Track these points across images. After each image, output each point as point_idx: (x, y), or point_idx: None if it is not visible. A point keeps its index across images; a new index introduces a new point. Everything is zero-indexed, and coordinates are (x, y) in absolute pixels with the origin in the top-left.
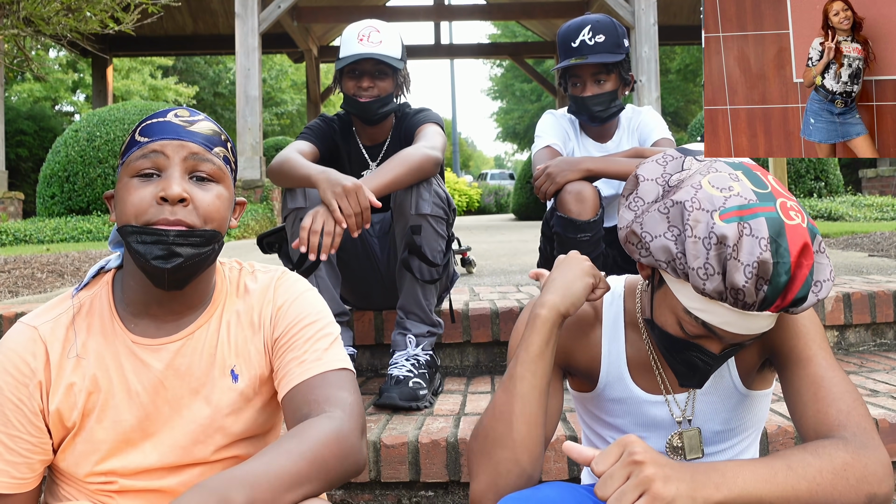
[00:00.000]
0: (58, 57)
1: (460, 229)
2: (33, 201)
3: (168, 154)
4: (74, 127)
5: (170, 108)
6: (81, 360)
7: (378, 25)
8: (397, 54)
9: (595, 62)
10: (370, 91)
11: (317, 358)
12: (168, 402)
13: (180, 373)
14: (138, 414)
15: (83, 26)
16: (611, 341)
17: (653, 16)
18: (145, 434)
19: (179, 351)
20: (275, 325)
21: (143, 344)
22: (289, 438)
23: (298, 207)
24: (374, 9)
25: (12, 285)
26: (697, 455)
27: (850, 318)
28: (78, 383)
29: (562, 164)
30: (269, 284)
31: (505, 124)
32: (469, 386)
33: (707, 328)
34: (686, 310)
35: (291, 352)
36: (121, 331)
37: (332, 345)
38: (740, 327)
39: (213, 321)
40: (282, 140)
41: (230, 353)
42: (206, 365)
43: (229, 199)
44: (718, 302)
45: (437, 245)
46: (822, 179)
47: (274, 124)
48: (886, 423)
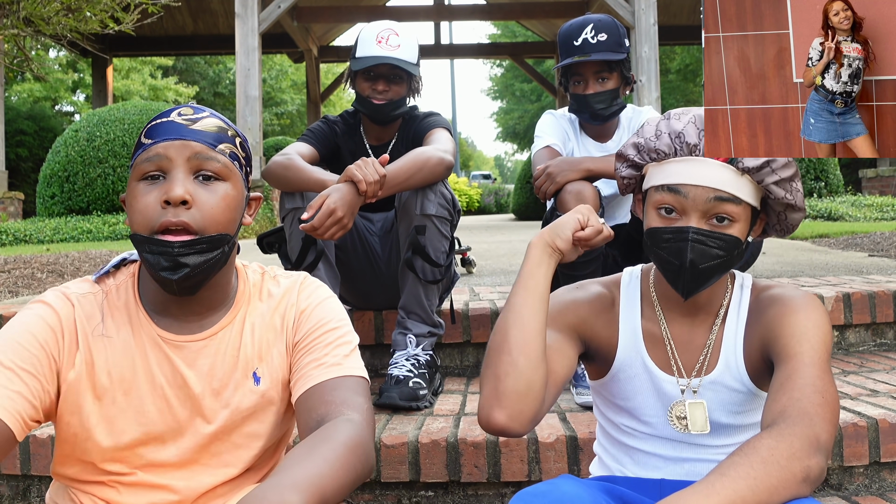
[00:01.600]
0: (58, 57)
1: (460, 229)
2: (33, 201)
3: (171, 156)
4: (74, 127)
5: (175, 107)
6: (107, 341)
7: (397, 28)
8: (414, 59)
9: (598, 59)
10: (385, 94)
11: (336, 363)
12: (190, 399)
13: (203, 373)
14: (160, 406)
15: (83, 26)
16: (628, 316)
17: (653, 16)
18: (167, 428)
19: (202, 351)
20: (297, 328)
21: (168, 339)
22: (320, 443)
23: (297, 207)
24: (373, 9)
25: (12, 285)
26: (703, 430)
27: (850, 318)
28: (101, 363)
29: (562, 163)
30: (293, 288)
31: (505, 124)
32: (469, 386)
33: (673, 191)
34: (657, 189)
35: (311, 354)
36: (147, 322)
37: (351, 352)
38: (697, 176)
39: (237, 323)
40: (282, 140)
41: (253, 356)
42: (229, 366)
43: (237, 196)
44: (673, 161)
45: (440, 246)
46: (822, 179)
47: (274, 124)
48: (886, 423)
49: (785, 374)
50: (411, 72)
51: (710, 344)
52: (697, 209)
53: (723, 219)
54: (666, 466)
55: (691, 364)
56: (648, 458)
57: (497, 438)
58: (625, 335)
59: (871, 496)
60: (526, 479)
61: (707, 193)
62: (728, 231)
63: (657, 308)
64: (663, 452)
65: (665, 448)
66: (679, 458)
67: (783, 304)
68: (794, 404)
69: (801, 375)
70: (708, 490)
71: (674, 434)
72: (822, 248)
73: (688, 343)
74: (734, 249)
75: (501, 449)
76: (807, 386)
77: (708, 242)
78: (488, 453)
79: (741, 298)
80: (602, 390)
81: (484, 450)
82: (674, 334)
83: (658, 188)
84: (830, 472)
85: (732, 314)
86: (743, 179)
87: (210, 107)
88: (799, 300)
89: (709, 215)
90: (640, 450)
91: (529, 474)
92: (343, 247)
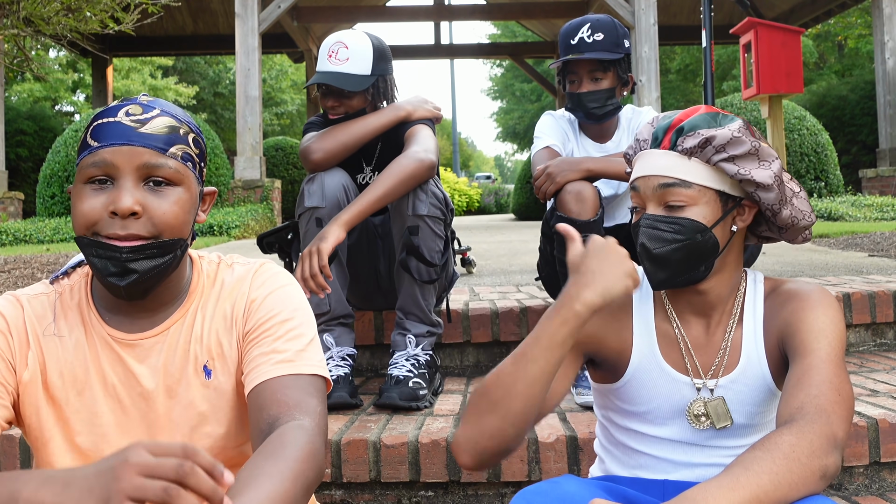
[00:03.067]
0: (58, 57)
1: (460, 229)
2: (33, 201)
3: (118, 163)
4: (74, 127)
5: (122, 104)
6: (59, 341)
7: (348, 40)
8: (366, 70)
9: (591, 58)
10: (336, 109)
11: (288, 359)
12: (144, 398)
13: (156, 370)
14: (113, 407)
15: (83, 26)
16: (642, 319)
17: (653, 16)
18: (122, 430)
19: (154, 348)
20: (247, 318)
21: (119, 338)
22: (272, 459)
23: (314, 207)
24: (373, 9)
25: (12, 285)
26: (726, 423)
27: (850, 318)
28: (52, 363)
29: (562, 163)
30: (246, 276)
31: (505, 124)
32: (469, 386)
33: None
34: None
35: (259, 347)
36: (97, 323)
37: (307, 346)
38: (644, 168)
39: (188, 316)
40: (282, 140)
41: (202, 350)
42: (181, 362)
43: (191, 199)
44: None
45: (434, 245)
46: (822, 179)
47: (274, 124)
48: (887, 423)
49: (802, 369)
50: (355, 88)
51: (727, 343)
52: (651, 199)
53: (674, 205)
54: (676, 471)
55: (708, 364)
56: (657, 462)
57: None
58: (639, 339)
59: (871, 496)
60: (526, 479)
61: (652, 182)
62: (683, 215)
63: (669, 309)
64: (673, 457)
65: (675, 452)
66: (689, 462)
67: (801, 300)
68: (811, 401)
69: (819, 372)
70: (733, 483)
71: (686, 436)
72: (822, 248)
73: (704, 344)
74: (695, 233)
75: None
76: (824, 383)
77: (659, 227)
78: None
79: (755, 296)
80: (610, 394)
81: None
82: (689, 335)
83: (634, 182)
84: None
85: (749, 312)
86: (691, 162)
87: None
88: (816, 296)
89: (661, 203)
90: (647, 454)
91: (529, 474)
92: (352, 247)
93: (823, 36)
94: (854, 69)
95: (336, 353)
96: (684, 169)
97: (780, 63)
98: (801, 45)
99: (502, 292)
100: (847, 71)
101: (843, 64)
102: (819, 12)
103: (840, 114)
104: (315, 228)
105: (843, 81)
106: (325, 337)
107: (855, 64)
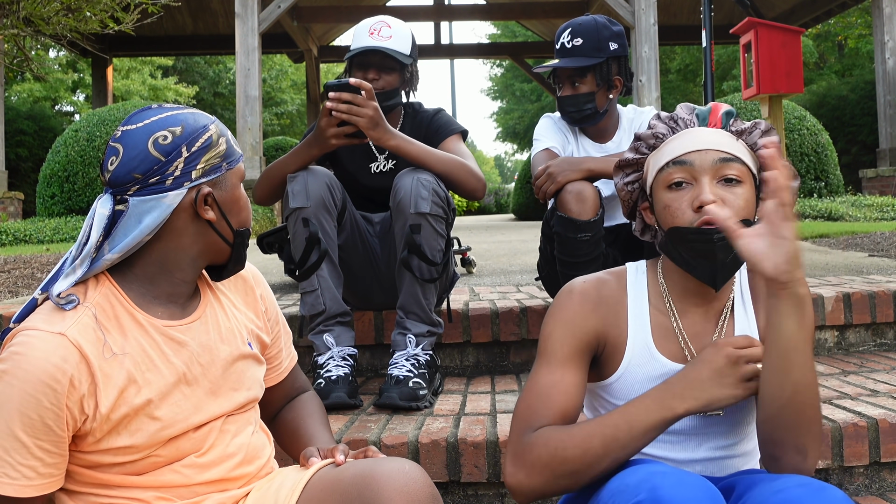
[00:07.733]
0: (58, 57)
1: (460, 229)
2: (33, 201)
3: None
4: (74, 127)
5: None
6: (121, 358)
7: (390, 21)
8: (406, 50)
9: (564, 66)
10: (376, 83)
11: (293, 353)
12: (213, 363)
13: (209, 346)
14: (184, 388)
15: (83, 26)
16: (637, 311)
17: (653, 16)
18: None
19: (200, 328)
20: (266, 305)
21: (174, 325)
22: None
23: (300, 207)
24: (374, 8)
25: (12, 285)
26: (717, 412)
27: (850, 318)
28: (123, 381)
29: (563, 163)
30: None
31: (505, 124)
32: (469, 386)
33: (679, 163)
34: (662, 169)
35: (282, 338)
36: (148, 320)
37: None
38: (699, 142)
39: (212, 300)
40: (282, 140)
41: (238, 325)
42: (227, 334)
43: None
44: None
45: (436, 244)
46: (822, 179)
47: (274, 124)
48: (887, 423)
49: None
50: (403, 61)
51: (722, 332)
52: (706, 173)
53: (731, 179)
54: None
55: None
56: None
57: (497, 438)
58: (634, 332)
59: (871, 496)
60: None
61: (712, 156)
62: (738, 189)
63: (667, 301)
64: (662, 453)
65: (664, 448)
66: (676, 458)
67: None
68: None
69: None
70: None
71: (676, 426)
72: (823, 248)
73: (700, 333)
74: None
75: (501, 449)
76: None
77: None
78: (488, 453)
79: (741, 282)
80: (600, 391)
81: (484, 450)
82: (686, 326)
83: (663, 168)
84: (830, 473)
85: (738, 299)
86: (738, 143)
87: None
88: None
89: (718, 176)
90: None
91: None
92: (344, 247)
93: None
94: (854, 69)
95: (337, 352)
96: (737, 147)
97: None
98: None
99: (502, 292)
100: (847, 71)
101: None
102: (819, 12)
103: (840, 114)
104: (302, 229)
105: (843, 81)
106: (325, 337)
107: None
